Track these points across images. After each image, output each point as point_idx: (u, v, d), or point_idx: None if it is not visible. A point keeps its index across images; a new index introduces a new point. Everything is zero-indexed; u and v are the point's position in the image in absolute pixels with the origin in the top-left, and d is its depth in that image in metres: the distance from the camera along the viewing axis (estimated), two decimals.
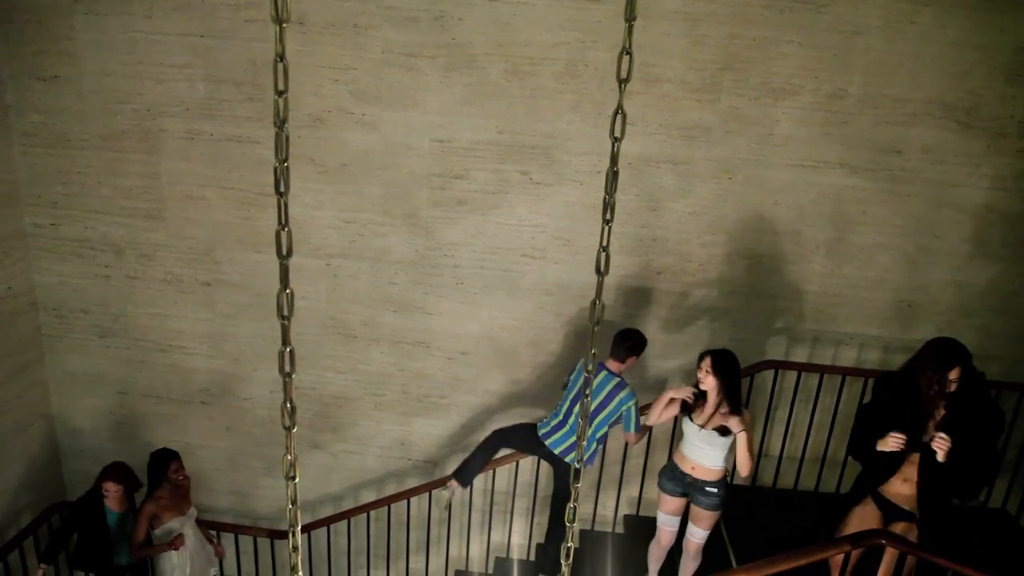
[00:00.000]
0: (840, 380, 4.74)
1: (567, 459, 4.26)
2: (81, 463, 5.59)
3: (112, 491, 4.65)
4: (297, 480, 1.06)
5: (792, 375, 4.79)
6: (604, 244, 1.17)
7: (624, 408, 4.14)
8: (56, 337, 5.31)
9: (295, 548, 1.07)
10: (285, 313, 1.01)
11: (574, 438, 4.25)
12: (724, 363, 3.83)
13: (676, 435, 4.43)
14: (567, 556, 1.21)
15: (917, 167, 4.42)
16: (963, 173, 4.41)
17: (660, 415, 4.06)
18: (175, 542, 4.54)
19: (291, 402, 1.03)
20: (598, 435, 4.25)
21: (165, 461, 4.64)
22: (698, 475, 3.93)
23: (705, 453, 3.90)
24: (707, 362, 3.84)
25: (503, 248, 4.77)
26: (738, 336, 4.84)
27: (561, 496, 4.58)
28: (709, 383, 3.83)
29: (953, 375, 3.29)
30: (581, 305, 4.83)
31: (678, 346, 4.91)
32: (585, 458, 4.32)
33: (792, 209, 4.56)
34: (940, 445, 3.17)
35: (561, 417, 4.33)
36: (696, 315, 4.83)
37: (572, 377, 4.36)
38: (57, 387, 5.46)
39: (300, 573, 1.07)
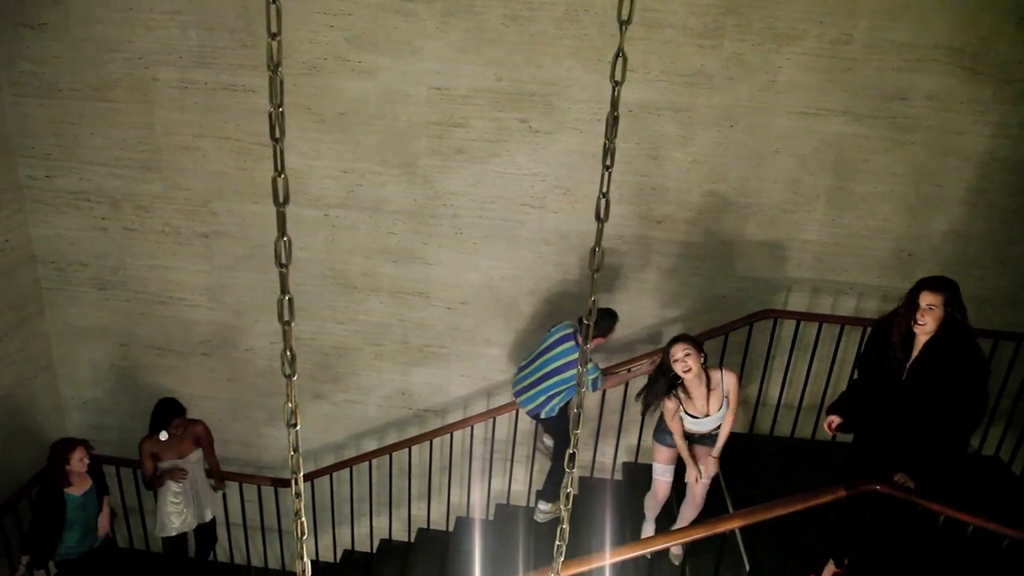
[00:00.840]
0: (839, 329, 4.75)
1: (542, 415, 4.44)
2: (85, 415, 5.64)
3: (78, 461, 4.37)
4: (298, 428, 1.06)
5: (791, 324, 4.81)
6: (604, 190, 1.16)
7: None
8: (55, 290, 5.31)
9: (298, 494, 1.08)
10: (283, 261, 1.00)
11: (543, 398, 4.41)
12: (695, 341, 3.82)
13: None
14: (567, 501, 1.23)
15: (921, 114, 4.36)
16: (968, 120, 4.35)
17: (673, 421, 4.01)
18: (176, 474, 4.62)
19: (291, 350, 1.03)
20: (553, 391, 4.36)
21: (168, 416, 4.60)
22: (703, 431, 4.02)
23: (705, 425, 3.97)
24: (681, 347, 3.76)
25: (502, 197, 4.73)
26: (736, 285, 4.85)
27: (558, 445, 4.67)
28: (694, 365, 3.77)
29: (925, 301, 3.22)
30: (581, 254, 4.81)
31: (678, 296, 4.92)
32: (542, 413, 4.48)
33: (793, 157, 4.52)
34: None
35: (530, 380, 4.45)
36: (696, 264, 4.83)
37: (547, 337, 4.46)
38: (58, 340, 5.48)
39: (303, 519, 1.08)
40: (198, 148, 4.80)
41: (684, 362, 3.75)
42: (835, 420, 3.62)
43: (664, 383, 3.86)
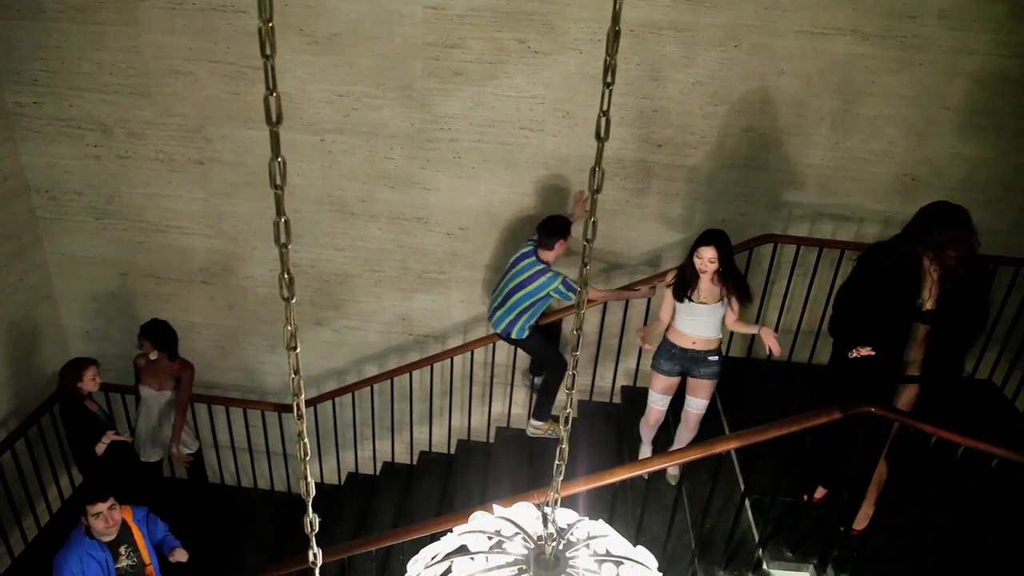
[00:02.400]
0: (838, 255, 4.74)
1: (513, 335, 4.58)
2: (87, 344, 5.69)
3: (91, 380, 4.62)
4: (298, 351, 1.06)
5: (791, 249, 4.80)
6: (605, 109, 1.12)
7: (550, 289, 4.35)
8: (51, 220, 5.27)
9: (300, 416, 1.08)
10: (278, 182, 0.98)
11: (511, 316, 4.53)
12: (725, 246, 3.85)
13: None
14: (565, 422, 1.24)
15: (932, 33, 4.23)
16: (980, 40, 4.23)
17: (663, 309, 4.12)
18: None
19: (289, 273, 1.01)
20: (519, 308, 4.47)
21: (141, 331, 4.80)
22: (699, 347, 4.04)
23: (705, 326, 3.99)
24: (710, 252, 3.81)
25: (501, 121, 4.65)
26: (738, 210, 4.81)
27: (540, 366, 4.74)
28: (713, 269, 3.85)
29: (951, 252, 3.20)
30: (580, 178, 4.76)
31: (678, 220, 4.89)
32: (512, 333, 4.59)
33: (798, 79, 4.41)
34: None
35: (498, 300, 4.56)
36: (696, 189, 4.78)
37: (511, 259, 4.53)
38: (57, 270, 5.47)
39: (306, 440, 1.09)
40: (189, 72, 4.68)
41: (702, 261, 3.84)
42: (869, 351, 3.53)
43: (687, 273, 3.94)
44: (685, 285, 3.98)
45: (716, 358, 4.08)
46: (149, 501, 4.10)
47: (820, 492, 3.82)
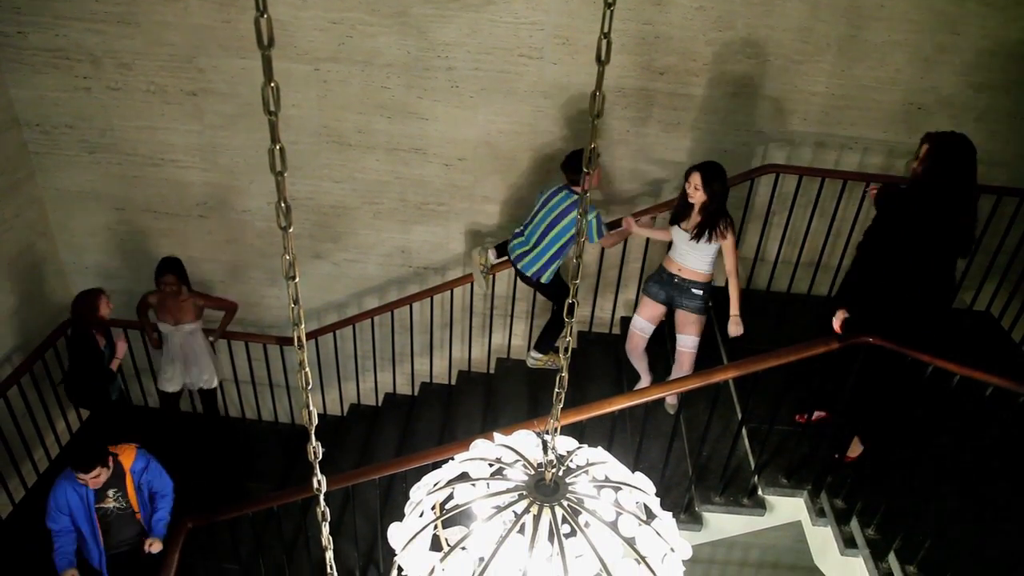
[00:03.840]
0: (841, 185, 4.69)
1: (543, 279, 4.44)
2: (87, 280, 5.67)
3: (106, 306, 4.67)
4: (297, 280, 1.05)
5: (792, 179, 4.75)
6: (606, 30, 1.09)
7: (574, 220, 4.25)
8: (44, 154, 5.20)
9: (300, 346, 1.09)
10: (272, 108, 0.95)
11: (544, 259, 4.38)
12: (712, 177, 3.84)
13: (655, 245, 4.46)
14: (565, 351, 1.24)
15: None
16: None
17: (654, 233, 4.16)
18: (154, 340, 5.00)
19: (285, 202, 1.00)
20: (552, 250, 4.33)
21: (160, 271, 4.80)
22: (684, 276, 4.06)
23: (690, 256, 4.01)
24: (696, 178, 3.85)
25: (499, 48, 4.53)
26: (740, 139, 4.75)
27: (556, 305, 4.74)
28: (698, 197, 3.88)
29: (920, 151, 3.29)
30: (580, 107, 4.67)
31: (679, 150, 4.82)
32: (542, 277, 4.47)
33: (805, 3, 4.29)
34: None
35: (531, 242, 4.43)
36: (698, 118, 4.70)
37: (538, 199, 4.42)
38: (53, 205, 5.42)
39: (307, 369, 1.09)
40: None
41: (690, 187, 3.87)
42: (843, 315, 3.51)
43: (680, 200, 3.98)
44: (679, 211, 4.01)
45: (700, 292, 4.08)
46: (158, 440, 4.14)
47: (818, 414, 3.87)
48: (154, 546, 3.82)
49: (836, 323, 3.44)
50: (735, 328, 4.04)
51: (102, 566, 3.90)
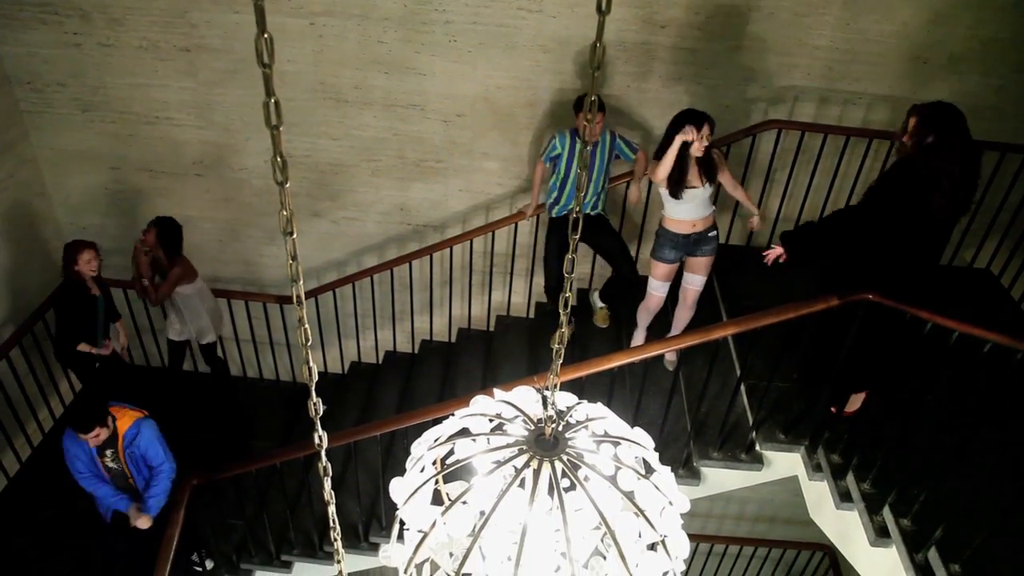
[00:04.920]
0: (843, 141, 4.65)
1: (601, 208, 4.60)
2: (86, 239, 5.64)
3: (90, 260, 4.56)
4: (295, 236, 1.04)
5: (794, 135, 4.70)
6: None
7: (613, 145, 4.39)
8: (36, 113, 5.13)
9: (299, 302, 1.08)
10: (266, 60, 0.93)
11: (592, 198, 4.54)
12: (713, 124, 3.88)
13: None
14: (564, 306, 1.24)
15: None
16: None
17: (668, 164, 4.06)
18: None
19: (281, 156, 0.98)
20: (601, 183, 4.49)
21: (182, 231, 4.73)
22: (700, 228, 4.11)
23: (702, 206, 4.02)
24: (706, 128, 3.83)
25: (498, 0, 4.44)
26: (742, 95, 4.69)
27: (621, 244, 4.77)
28: (701, 149, 3.85)
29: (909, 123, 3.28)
30: (580, 62, 4.60)
31: (680, 105, 4.72)
32: (600, 206, 4.60)
33: None
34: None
35: (567, 191, 4.48)
36: (700, 72, 4.63)
37: (556, 151, 4.41)
38: (48, 165, 5.36)
39: (306, 325, 1.09)
40: None
41: (700, 146, 3.83)
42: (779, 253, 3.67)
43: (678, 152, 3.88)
44: (681, 179, 3.94)
45: (715, 233, 4.19)
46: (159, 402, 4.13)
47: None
48: (140, 521, 3.82)
49: (770, 255, 3.64)
50: (758, 222, 4.26)
51: (107, 515, 3.97)
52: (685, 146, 3.84)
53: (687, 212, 4.05)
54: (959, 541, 2.85)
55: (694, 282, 4.28)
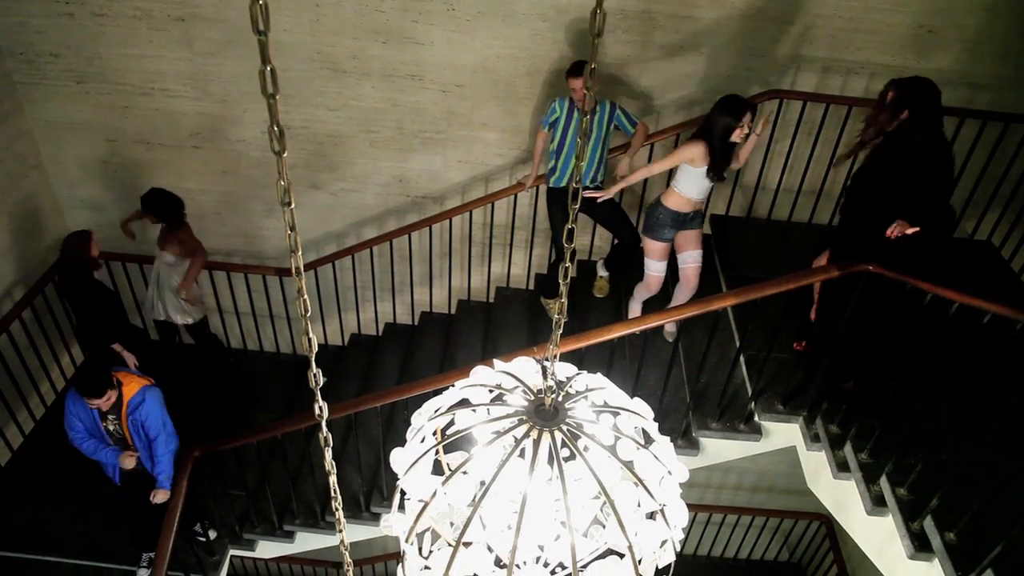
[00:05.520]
0: (846, 111, 4.61)
1: (600, 179, 4.56)
2: (83, 214, 5.63)
3: (96, 248, 4.55)
4: (293, 206, 1.03)
5: (796, 106, 4.66)
6: None
7: (612, 116, 4.34)
8: (30, 84, 5.07)
9: (298, 272, 1.08)
10: (261, 28, 0.92)
11: (595, 164, 4.50)
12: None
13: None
14: (564, 276, 1.23)
15: None
16: None
17: (660, 166, 4.11)
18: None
19: (278, 126, 0.97)
20: (599, 151, 4.46)
21: (141, 206, 4.68)
22: (697, 206, 4.09)
23: (707, 187, 3.99)
24: (748, 117, 3.81)
25: None
26: (743, 64, 4.64)
27: (618, 224, 4.74)
28: (741, 137, 3.85)
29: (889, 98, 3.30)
30: (580, 29, 4.55)
31: (680, 76, 4.72)
32: (600, 176, 4.57)
33: None
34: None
35: (563, 158, 4.46)
36: (701, 42, 4.58)
37: (555, 114, 4.40)
38: (43, 137, 5.32)
39: (305, 296, 1.09)
40: None
41: (743, 127, 3.81)
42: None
43: (718, 143, 3.88)
44: (725, 162, 3.96)
45: (705, 205, 4.23)
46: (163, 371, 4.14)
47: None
48: (157, 496, 3.86)
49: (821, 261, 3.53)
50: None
51: (115, 476, 4.00)
52: (726, 132, 3.83)
53: (697, 191, 4.05)
54: (955, 510, 2.88)
55: (694, 257, 4.26)
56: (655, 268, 4.35)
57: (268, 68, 0.95)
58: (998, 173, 4.60)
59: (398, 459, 1.34)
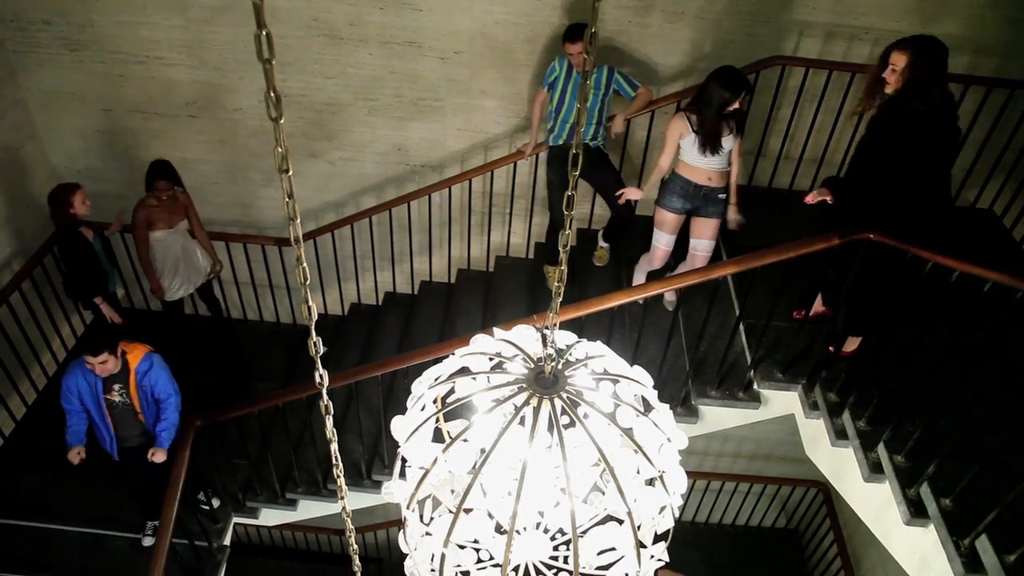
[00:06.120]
0: (848, 78, 4.56)
1: (600, 142, 4.55)
2: (80, 183, 5.57)
3: (81, 204, 4.51)
4: (291, 173, 1.02)
5: (799, 73, 4.61)
6: None
7: (611, 80, 4.32)
8: (23, 52, 5.01)
9: (296, 240, 1.07)
10: None
11: (592, 125, 4.47)
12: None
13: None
14: (564, 244, 1.22)
15: None
16: None
17: (665, 155, 4.04)
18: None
19: (274, 91, 0.96)
20: (596, 112, 4.43)
21: (153, 174, 4.63)
22: (715, 183, 4.03)
23: (724, 159, 3.96)
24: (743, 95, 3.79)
25: None
26: (745, 30, 4.58)
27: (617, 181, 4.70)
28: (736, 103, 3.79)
29: (892, 60, 3.23)
30: None
31: (682, 41, 4.66)
32: (599, 138, 4.55)
33: None
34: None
35: (561, 119, 4.42)
36: (703, 7, 4.51)
37: (555, 73, 4.39)
38: (38, 107, 5.27)
39: (304, 264, 1.08)
40: None
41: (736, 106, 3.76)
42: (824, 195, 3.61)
43: (714, 116, 3.80)
44: (716, 135, 3.86)
45: (724, 195, 4.08)
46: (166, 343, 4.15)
47: (816, 310, 3.91)
48: (156, 455, 3.87)
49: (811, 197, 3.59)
50: (735, 219, 4.14)
51: (113, 450, 4.03)
52: (723, 105, 3.76)
53: (708, 161, 3.97)
54: (951, 477, 2.90)
55: (702, 247, 4.20)
56: (663, 241, 4.29)
57: (264, 32, 0.94)
58: (1001, 141, 4.56)
59: (399, 427, 1.34)
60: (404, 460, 1.35)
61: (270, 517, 4.75)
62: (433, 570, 1.32)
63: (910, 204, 3.34)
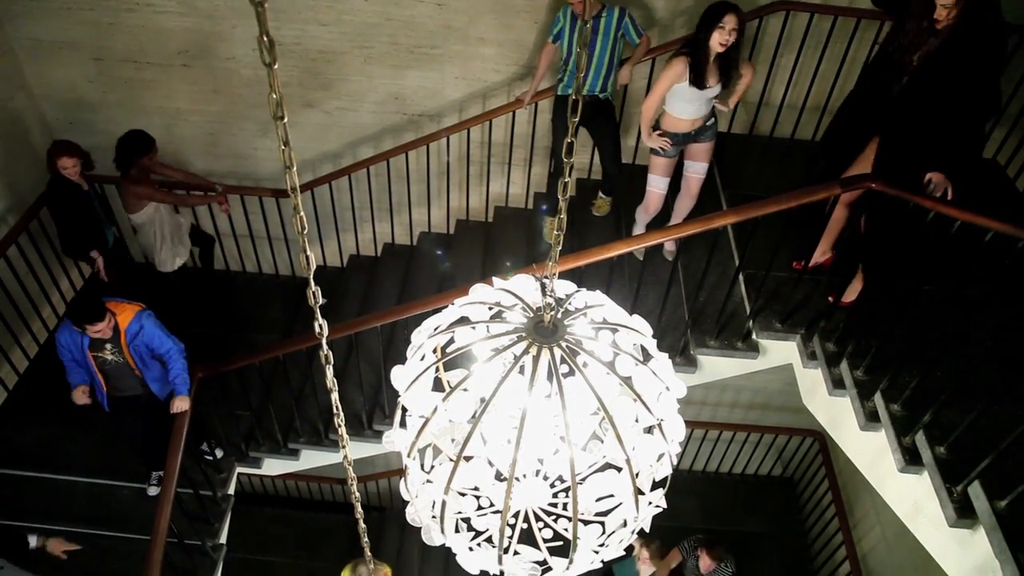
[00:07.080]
0: (854, 24, 4.47)
1: (609, 92, 4.44)
2: (74, 135, 5.46)
3: (71, 167, 4.50)
4: (286, 120, 1.00)
5: (803, 19, 4.51)
6: None
7: (621, 23, 4.21)
8: (8, 0, 4.88)
9: (293, 189, 1.05)
10: None
11: (602, 74, 4.36)
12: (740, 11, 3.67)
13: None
14: (564, 192, 1.21)
15: None
16: None
17: (652, 99, 3.97)
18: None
19: (267, 35, 0.93)
20: (605, 61, 4.31)
21: (143, 148, 4.58)
22: (699, 124, 3.98)
23: (707, 105, 3.90)
24: (732, 20, 3.60)
25: None
26: None
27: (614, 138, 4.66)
28: (731, 41, 3.64)
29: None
30: None
31: None
32: (608, 89, 4.45)
33: None
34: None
35: (569, 69, 4.36)
36: None
37: (559, 24, 4.30)
38: (27, 57, 5.16)
39: (302, 213, 1.07)
40: None
41: (724, 34, 3.61)
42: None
43: (705, 49, 3.70)
44: (702, 70, 3.77)
45: (713, 120, 4.08)
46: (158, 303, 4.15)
47: (816, 260, 3.91)
48: (177, 403, 3.87)
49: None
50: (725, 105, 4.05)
51: (104, 402, 4.05)
52: (708, 37, 3.65)
53: (690, 112, 3.93)
54: (945, 426, 2.93)
55: (696, 169, 4.20)
56: (656, 184, 4.28)
57: None
58: (1007, 90, 4.48)
59: (399, 376, 1.35)
60: (404, 409, 1.35)
61: (273, 467, 4.82)
62: (434, 517, 1.34)
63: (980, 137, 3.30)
